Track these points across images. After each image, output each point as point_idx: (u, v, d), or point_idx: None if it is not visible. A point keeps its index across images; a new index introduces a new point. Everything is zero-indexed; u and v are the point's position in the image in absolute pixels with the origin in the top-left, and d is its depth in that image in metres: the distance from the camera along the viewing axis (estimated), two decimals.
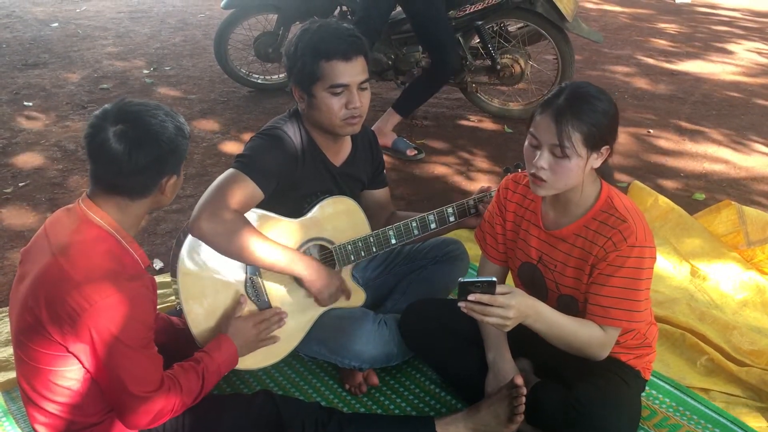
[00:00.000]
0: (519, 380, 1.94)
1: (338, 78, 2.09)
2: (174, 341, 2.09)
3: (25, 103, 4.96)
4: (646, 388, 2.16)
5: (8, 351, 2.39)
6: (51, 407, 1.71)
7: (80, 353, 1.63)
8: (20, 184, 3.77)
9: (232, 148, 4.28)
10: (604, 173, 1.95)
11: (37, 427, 1.77)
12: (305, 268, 2.10)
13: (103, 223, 1.69)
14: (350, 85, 2.11)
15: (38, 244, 1.74)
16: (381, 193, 2.52)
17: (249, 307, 2.11)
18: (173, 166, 1.74)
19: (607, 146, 1.84)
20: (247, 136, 4.34)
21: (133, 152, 1.64)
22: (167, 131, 1.68)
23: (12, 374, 2.26)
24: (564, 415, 1.87)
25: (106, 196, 1.71)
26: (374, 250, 2.28)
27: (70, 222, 1.71)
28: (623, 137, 4.42)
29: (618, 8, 8.56)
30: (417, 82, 4.30)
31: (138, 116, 1.66)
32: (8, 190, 3.70)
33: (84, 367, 1.66)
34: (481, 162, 4.21)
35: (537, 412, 1.95)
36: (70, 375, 1.67)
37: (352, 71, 2.10)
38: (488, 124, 4.77)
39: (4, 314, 2.63)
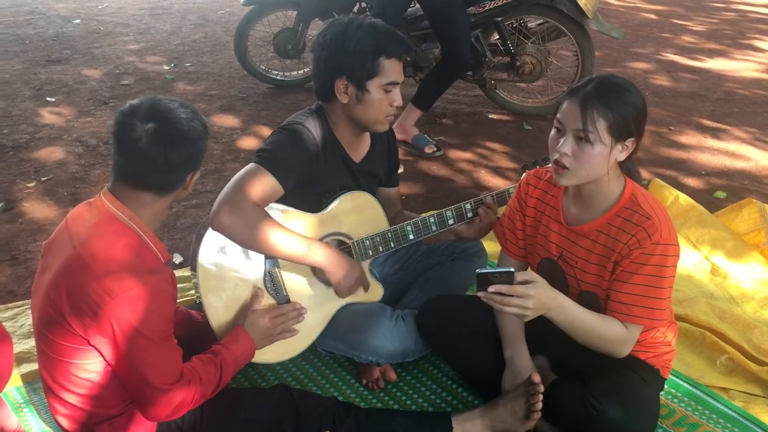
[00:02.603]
0: (536, 377, 1.94)
1: (395, 76, 2.16)
2: (193, 335, 2.10)
3: (48, 99, 5.01)
4: (665, 386, 2.15)
5: (30, 343, 2.42)
6: (72, 399, 1.74)
7: (101, 346, 1.65)
8: (43, 179, 3.82)
9: (251, 144, 4.31)
10: (630, 171, 1.94)
11: (59, 418, 1.80)
12: (326, 258, 2.10)
13: (124, 217, 1.71)
14: (399, 83, 2.18)
15: (60, 238, 1.76)
16: (391, 192, 2.53)
17: (268, 301, 2.12)
18: (198, 163, 1.77)
19: (633, 139, 1.82)
20: (265, 132, 4.36)
21: (169, 151, 1.67)
22: (196, 130, 1.73)
23: (34, 366, 2.29)
24: (582, 413, 1.85)
25: (130, 191, 1.73)
26: (392, 245, 2.28)
27: (91, 216, 1.74)
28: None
29: (640, 4, 8.48)
30: (431, 76, 4.30)
31: (169, 114, 1.69)
32: (31, 185, 3.75)
33: (105, 359, 1.69)
34: (500, 159, 4.20)
35: (554, 410, 1.95)
36: (91, 367, 1.70)
37: (401, 71, 2.20)
38: (507, 121, 4.75)
39: (26, 307, 2.67)
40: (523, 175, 2.37)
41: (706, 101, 5.20)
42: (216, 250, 2.06)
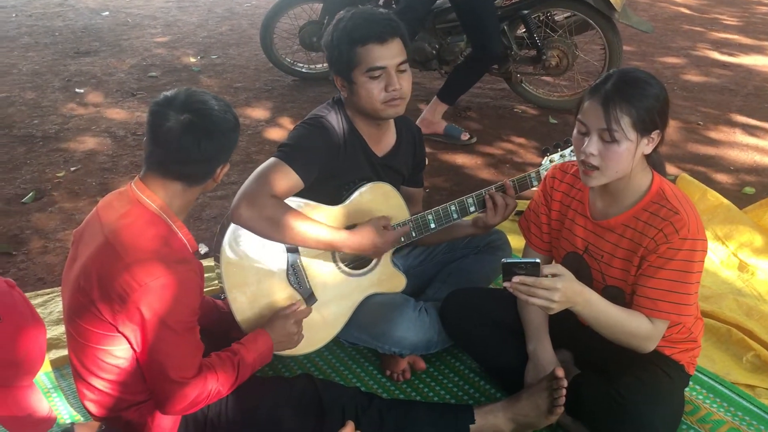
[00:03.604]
0: (560, 372, 1.93)
1: (375, 61, 2.10)
2: (218, 324, 2.13)
3: (77, 90, 5.08)
4: (690, 383, 2.13)
5: (59, 329, 2.47)
6: (100, 384, 1.76)
7: (129, 333, 1.68)
8: (72, 169, 3.87)
9: (276, 135, 4.33)
10: (655, 164, 1.92)
11: (87, 403, 1.83)
12: (347, 237, 2.09)
13: (155, 206, 1.74)
14: (387, 67, 2.11)
15: (91, 226, 1.79)
16: (414, 192, 2.52)
17: (291, 293, 2.13)
18: (228, 155, 1.80)
19: (658, 131, 1.81)
20: (290, 124, 4.38)
21: (202, 142, 1.69)
22: (229, 122, 1.75)
23: (62, 352, 2.34)
24: (605, 408, 1.85)
25: (162, 181, 1.75)
26: (413, 234, 2.28)
27: (121, 205, 1.76)
28: (672, 129, 4.33)
29: None
30: (459, 69, 4.28)
31: (204, 106, 1.71)
32: (60, 174, 3.80)
33: (132, 347, 1.71)
34: (525, 152, 4.17)
35: (578, 404, 1.94)
36: (119, 353, 1.72)
37: (387, 53, 2.11)
38: (532, 115, 4.72)
39: (56, 294, 2.71)
40: (544, 159, 2.36)
41: (736, 96, 5.12)
42: (239, 243, 2.08)
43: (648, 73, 1.83)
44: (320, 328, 2.18)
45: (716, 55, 6.10)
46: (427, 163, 2.58)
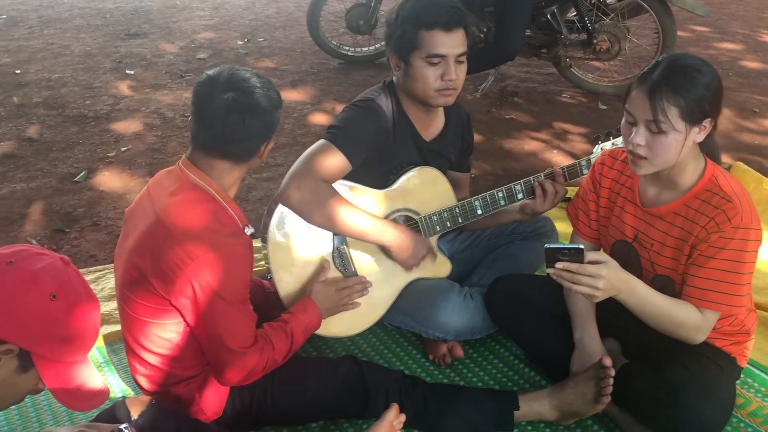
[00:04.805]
0: (608, 361, 1.90)
1: (437, 48, 2.08)
2: (264, 304, 2.14)
3: (127, 72, 5.17)
4: (741, 375, 2.08)
5: (110, 305, 2.53)
6: (151, 359, 1.80)
7: (182, 307, 1.71)
8: (122, 149, 3.95)
9: (322, 119, 4.34)
10: (709, 152, 1.86)
11: (138, 377, 1.87)
12: (392, 238, 2.11)
13: (204, 183, 1.76)
14: (447, 56, 2.10)
15: (142, 204, 1.82)
16: (461, 177, 2.50)
17: (335, 276, 2.14)
18: (272, 132, 1.81)
19: (710, 119, 1.75)
20: (336, 108, 4.39)
21: (248, 119, 1.71)
22: (273, 99, 1.77)
23: (114, 327, 2.40)
24: (654, 399, 1.82)
25: (208, 159, 1.77)
26: (460, 220, 2.27)
27: (171, 183, 1.79)
28: (726, 117, 4.21)
29: None
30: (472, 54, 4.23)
31: (247, 84, 1.73)
32: (111, 154, 3.88)
33: (185, 320, 1.74)
34: (573, 139, 4.11)
35: (625, 394, 1.91)
36: (171, 328, 1.76)
37: (450, 42, 2.09)
38: (581, 101, 4.64)
39: (107, 271, 2.78)
40: (595, 147, 2.32)
41: None
42: (286, 225, 2.09)
43: (700, 59, 1.76)
44: (364, 310, 2.18)
45: None
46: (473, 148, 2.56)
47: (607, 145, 2.30)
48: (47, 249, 1.39)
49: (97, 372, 1.40)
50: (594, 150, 2.32)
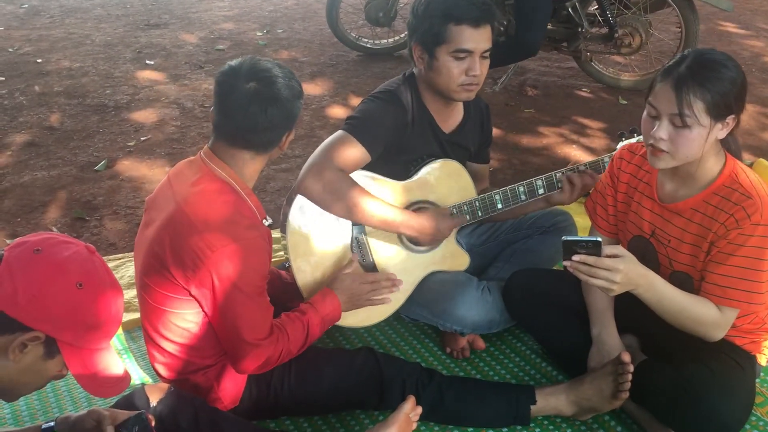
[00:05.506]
0: (626, 357, 1.89)
1: (464, 43, 2.08)
2: (282, 295, 2.15)
3: (147, 62, 5.19)
4: (761, 374, 2.06)
5: (130, 293, 2.54)
6: (170, 347, 1.82)
7: (201, 297, 1.72)
8: (142, 138, 3.97)
9: (340, 111, 4.34)
10: (730, 148, 1.85)
11: (156, 365, 1.89)
12: (411, 224, 2.11)
13: (224, 174, 1.77)
14: (474, 52, 2.10)
15: (163, 194, 1.83)
16: (481, 168, 2.49)
17: (354, 266, 2.14)
18: (293, 123, 1.81)
19: (733, 116, 1.73)
20: (354, 100, 4.39)
21: (270, 110, 1.71)
22: (294, 89, 1.77)
23: (133, 315, 2.42)
24: (673, 396, 1.80)
25: (230, 150, 1.77)
26: (479, 213, 2.26)
27: (192, 173, 1.80)
28: (748, 113, 4.16)
29: None
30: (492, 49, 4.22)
31: (268, 74, 1.73)
32: (131, 144, 3.91)
33: (203, 310, 1.75)
34: (593, 134, 4.08)
35: (643, 391, 1.90)
36: (190, 317, 1.77)
37: (478, 38, 2.09)
38: (602, 95, 4.60)
39: (126, 259, 2.80)
40: (619, 144, 2.30)
41: None
42: (305, 214, 2.10)
43: (725, 54, 1.75)
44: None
45: None
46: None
47: (632, 143, 2.28)
48: (71, 237, 1.41)
49: (119, 359, 1.42)
50: (618, 147, 2.30)
